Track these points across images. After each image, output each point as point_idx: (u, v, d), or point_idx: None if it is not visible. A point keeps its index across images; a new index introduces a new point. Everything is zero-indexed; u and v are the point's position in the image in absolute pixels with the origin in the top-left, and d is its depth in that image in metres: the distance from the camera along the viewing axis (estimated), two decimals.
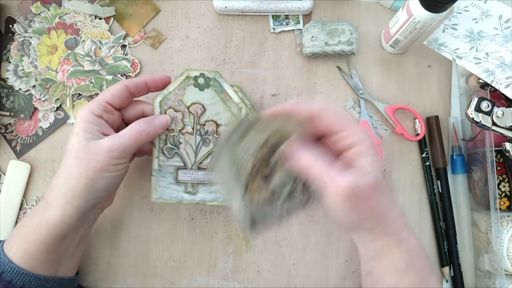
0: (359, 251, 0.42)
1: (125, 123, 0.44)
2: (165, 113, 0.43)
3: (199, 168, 0.44)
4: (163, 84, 0.44)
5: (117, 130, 0.42)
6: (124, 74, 0.52)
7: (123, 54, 0.52)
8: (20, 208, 0.50)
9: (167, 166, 0.44)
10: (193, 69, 0.44)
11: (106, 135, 0.40)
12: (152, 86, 0.44)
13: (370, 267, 0.40)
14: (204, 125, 0.44)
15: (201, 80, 0.43)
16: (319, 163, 0.36)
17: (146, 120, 0.42)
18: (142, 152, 0.46)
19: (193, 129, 0.44)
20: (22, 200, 0.50)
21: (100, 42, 0.51)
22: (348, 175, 0.36)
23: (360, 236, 0.41)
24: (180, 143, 0.44)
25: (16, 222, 0.50)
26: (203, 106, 0.44)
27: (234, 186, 0.40)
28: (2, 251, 0.39)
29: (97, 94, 0.51)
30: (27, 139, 0.51)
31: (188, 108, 0.44)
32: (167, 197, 0.44)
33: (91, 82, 0.51)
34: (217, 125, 0.44)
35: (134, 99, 0.45)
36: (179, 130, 0.44)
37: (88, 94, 0.51)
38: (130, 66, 0.52)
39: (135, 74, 0.52)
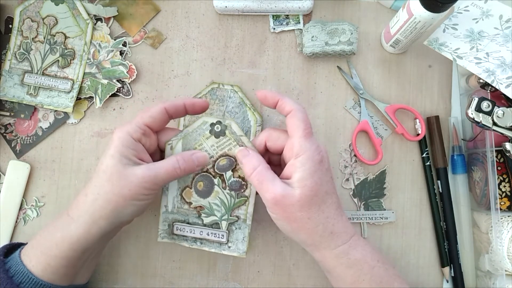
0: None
1: (159, 148, 0.44)
2: (23, 22, 0.50)
3: (43, 74, 0.50)
4: (201, 109, 0.44)
5: (152, 154, 0.42)
6: (120, 80, 0.51)
7: (121, 59, 0.51)
8: (20, 208, 0.50)
9: (17, 69, 0.50)
10: None
11: (142, 159, 0.40)
12: (190, 110, 0.43)
13: (328, 277, 0.42)
14: (54, 35, 0.50)
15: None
16: (260, 169, 0.38)
17: (184, 155, 0.41)
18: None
19: (44, 38, 0.50)
20: (22, 200, 0.50)
21: (99, 45, 0.51)
22: (278, 186, 0.37)
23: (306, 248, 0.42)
24: (31, 49, 0.49)
25: (16, 222, 0.50)
26: (56, 19, 0.49)
27: (173, 184, 0.44)
28: (20, 261, 0.39)
29: (91, 97, 0.51)
30: (27, 139, 0.51)
31: (43, 19, 0.50)
32: (11, 95, 0.50)
33: (86, 85, 0.51)
34: (66, 37, 0.50)
35: (170, 127, 0.44)
36: (32, 38, 0.49)
37: (83, 97, 0.51)
38: (127, 72, 0.51)
39: (131, 80, 0.51)
